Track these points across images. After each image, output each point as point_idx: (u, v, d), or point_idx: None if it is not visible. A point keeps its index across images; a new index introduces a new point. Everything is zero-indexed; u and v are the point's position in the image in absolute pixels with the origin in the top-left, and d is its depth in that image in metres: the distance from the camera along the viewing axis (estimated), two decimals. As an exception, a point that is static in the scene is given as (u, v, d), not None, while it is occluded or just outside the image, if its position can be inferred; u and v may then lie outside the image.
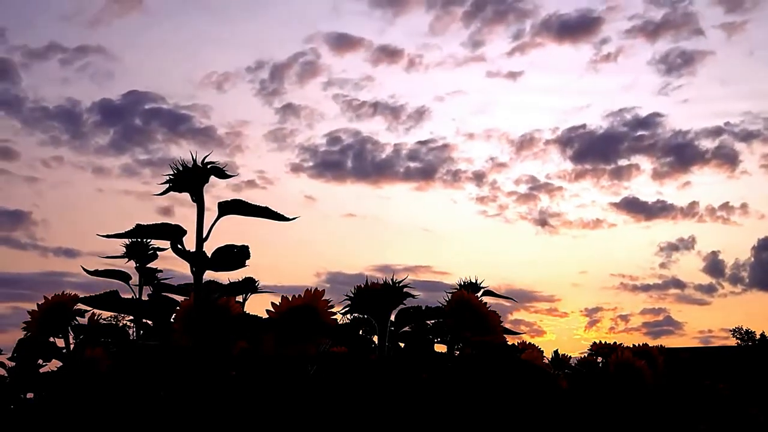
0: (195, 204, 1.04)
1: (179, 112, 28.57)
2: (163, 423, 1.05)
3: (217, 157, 1.03)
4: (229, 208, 1.05)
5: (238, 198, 1.05)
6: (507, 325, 1.25)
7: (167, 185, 1.04)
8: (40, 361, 1.44)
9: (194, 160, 1.03)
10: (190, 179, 1.03)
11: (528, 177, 30.75)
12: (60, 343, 1.43)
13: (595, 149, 30.57)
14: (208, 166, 1.03)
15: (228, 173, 1.05)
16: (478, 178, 30.82)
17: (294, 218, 1.11)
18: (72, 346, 1.43)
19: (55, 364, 1.44)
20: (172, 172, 1.03)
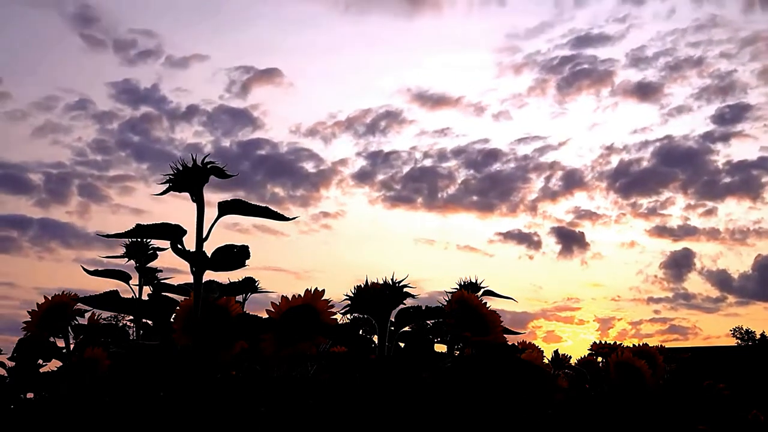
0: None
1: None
2: (163, 423, 1.05)
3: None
4: (229, 208, 1.05)
5: (237, 198, 1.05)
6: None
7: (167, 185, 1.04)
8: (40, 361, 1.44)
9: (194, 160, 1.02)
10: (190, 179, 1.03)
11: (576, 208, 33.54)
12: (60, 343, 1.43)
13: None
14: (208, 166, 1.03)
15: (228, 173, 1.05)
16: (531, 208, 34.13)
17: (293, 218, 1.11)
18: (72, 346, 1.43)
19: (55, 364, 1.44)
20: (171, 172, 1.03)
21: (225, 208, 1.05)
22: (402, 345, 1.21)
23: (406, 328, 1.19)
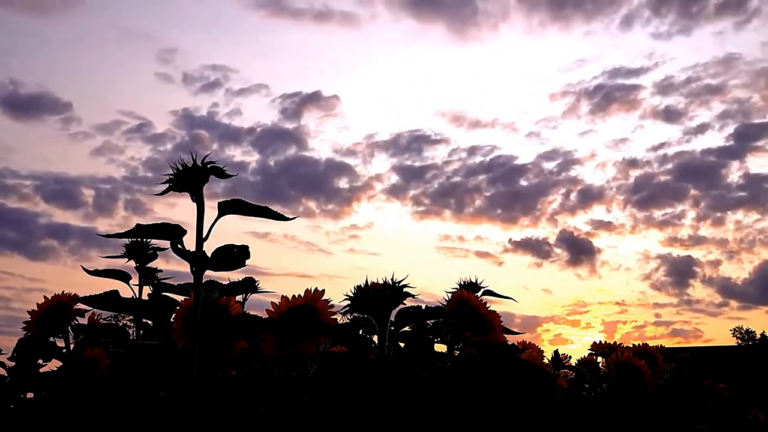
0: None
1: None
2: (163, 423, 1.05)
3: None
4: (229, 207, 1.05)
5: (237, 198, 1.05)
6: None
7: (167, 185, 1.03)
8: (40, 361, 1.44)
9: (194, 160, 1.02)
10: (190, 179, 1.03)
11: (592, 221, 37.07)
12: (60, 343, 1.43)
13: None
14: (208, 166, 1.03)
15: (228, 173, 1.05)
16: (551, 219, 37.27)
17: (292, 218, 1.11)
18: (72, 346, 1.43)
19: (55, 364, 1.44)
20: (172, 172, 1.03)
21: (225, 208, 1.04)
22: (402, 345, 1.21)
23: (406, 328, 1.19)
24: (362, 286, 1.13)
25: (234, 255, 1.05)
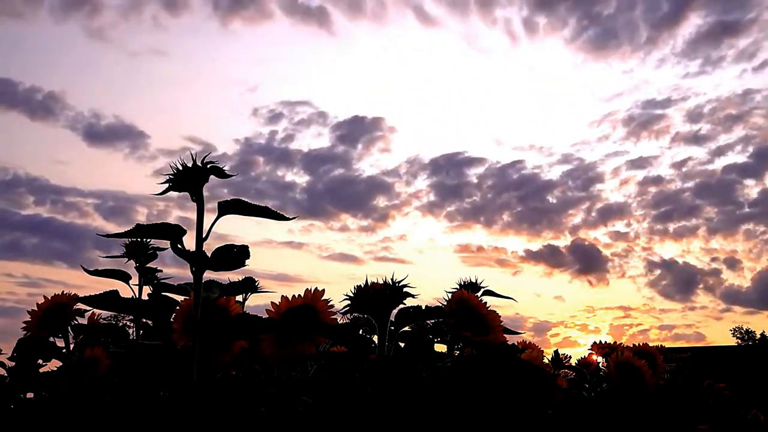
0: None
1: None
2: (163, 423, 1.05)
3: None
4: (229, 207, 1.05)
5: (237, 198, 1.04)
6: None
7: (167, 185, 1.03)
8: (40, 361, 1.44)
9: (194, 160, 1.02)
10: (190, 179, 1.02)
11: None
12: (60, 343, 1.43)
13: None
14: (208, 166, 1.03)
15: (228, 173, 1.05)
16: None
17: (292, 218, 1.11)
18: (72, 346, 1.43)
19: (55, 364, 1.44)
20: (171, 172, 1.03)
21: (225, 208, 1.04)
22: (402, 345, 1.21)
23: (406, 328, 1.19)
24: (362, 286, 1.13)
25: (234, 255, 1.05)
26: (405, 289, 1.13)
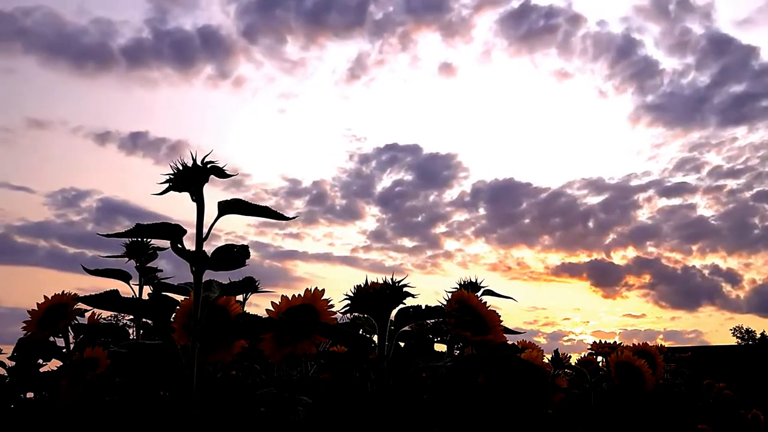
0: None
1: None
2: (163, 422, 1.05)
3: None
4: (229, 207, 1.05)
5: (237, 197, 1.05)
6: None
7: (167, 185, 1.03)
8: (40, 361, 1.44)
9: (194, 159, 1.02)
10: (190, 178, 1.02)
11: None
12: (60, 342, 1.43)
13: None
14: (208, 166, 1.03)
15: (228, 173, 1.05)
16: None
17: (293, 217, 1.11)
18: (72, 346, 1.43)
19: (55, 364, 1.44)
20: (171, 172, 1.03)
21: (225, 208, 1.04)
22: (402, 344, 1.21)
23: (406, 328, 1.19)
24: (362, 285, 1.13)
25: (234, 255, 1.05)
26: (405, 289, 1.12)
